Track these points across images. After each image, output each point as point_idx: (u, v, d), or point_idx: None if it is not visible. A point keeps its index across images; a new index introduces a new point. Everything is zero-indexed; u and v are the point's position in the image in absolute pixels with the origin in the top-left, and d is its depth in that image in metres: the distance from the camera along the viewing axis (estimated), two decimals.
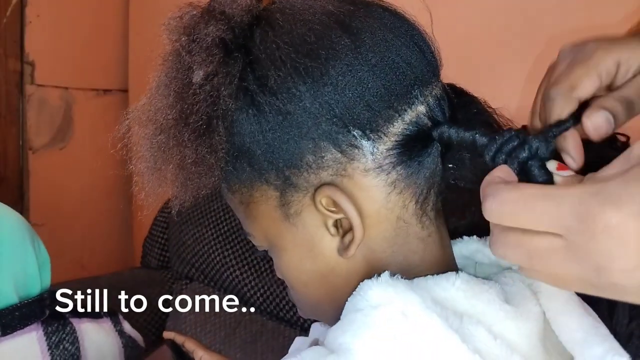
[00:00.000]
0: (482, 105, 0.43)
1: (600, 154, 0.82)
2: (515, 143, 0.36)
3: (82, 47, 1.73)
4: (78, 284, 1.35)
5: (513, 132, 0.37)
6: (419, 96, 0.39)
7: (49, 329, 0.74)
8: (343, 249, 0.40)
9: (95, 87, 1.79)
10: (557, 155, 0.39)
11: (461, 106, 0.42)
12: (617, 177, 0.30)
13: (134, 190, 0.41)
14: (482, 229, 0.47)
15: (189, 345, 0.81)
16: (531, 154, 0.36)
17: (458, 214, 0.43)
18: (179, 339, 0.82)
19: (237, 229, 1.31)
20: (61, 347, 0.74)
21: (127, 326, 0.86)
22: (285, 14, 0.40)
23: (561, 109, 0.41)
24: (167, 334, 0.82)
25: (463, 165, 0.42)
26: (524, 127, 0.83)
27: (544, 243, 0.31)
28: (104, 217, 1.83)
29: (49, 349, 0.73)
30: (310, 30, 0.38)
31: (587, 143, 0.85)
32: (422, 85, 0.40)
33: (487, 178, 0.35)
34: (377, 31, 0.39)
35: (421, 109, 0.39)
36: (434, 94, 0.40)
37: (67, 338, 0.75)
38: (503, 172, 0.35)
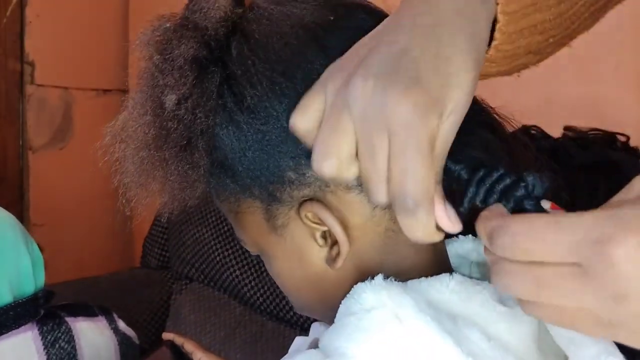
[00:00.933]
0: (480, 104, 0.42)
1: (601, 155, 0.82)
2: (509, 182, 0.34)
3: (82, 47, 1.73)
4: (78, 284, 1.35)
5: (502, 170, 0.34)
6: None
7: (44, 328, 0.74)
8: (331, 260, 0.40)
9: (95, 87, 1.79)
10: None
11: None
12: (630, 202, 0.28)
13: (120, 203, 0.41)
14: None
15: (188, 346, 0.81)
16: (527, 192, 0.34)
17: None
18: (178, 340, 0.82)
19: None
20: (57, 345, 0.74)
21: (121, 324, 0.85)
22: (261, 24, 0.39)
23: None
24: (166, 335, 0.82)
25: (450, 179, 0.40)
26: (524, 127, 0.83)
27: (556, 271, 0.29)
28: (103, 217, 1.83)
29: (44, 348, 0.73)
30: (286, 46, 0.38)
31: (588, 144, 0.85)
32: None
33: (485, 213, 0.32)
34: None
35: None
36: None
37: (62, 337, 0.75)
38: (500, 209, 0.33)
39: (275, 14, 0.39)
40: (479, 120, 0.41)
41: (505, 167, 0.35)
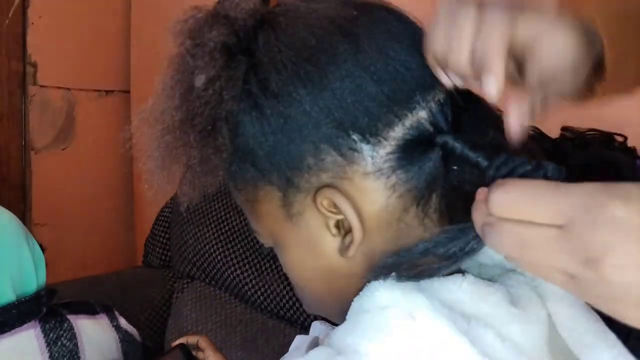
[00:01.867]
0: (489, 109, 0.42)
1: (598, 154, 0.83)
2: (529, 167, 0.35)
3: (84, 48, 1.74)
4: (80, 283, 1.36)
5: (524, 158, 0.36)
6: (421, 101, 0.39)
7: (47, 326, 0.75)
8: (344, 249, 0.40)
9: (98, 88, 1.80)
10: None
11: (467, 109, 0.42)
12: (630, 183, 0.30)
13: (142, 186, 0.42)
14: None
15: (202, 342, 0.81)
16: (547, 178, 0.35)
17: (462, 215, 0.43)
18: (192, 339, 0.82)
19: (238, 228, 1.32)
20: (59, 343, 0.75)
21: (122, 321, 0.86)
22: (288, 17, 0.41)
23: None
24: (176, 343, 0.82)
25: (467, 168, 0.41)
26: (536, 129, 0.82)
27: (539, 233, 0.31)
28: (106, 216, 1.84)
29: (47, 346, 0.74)
30: (312, 35, 0.39)
31: (585, 144, 0.85)
32: (424, 90, 0.39)
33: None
34: (379, 37, 0.39)
35: (422, 114, 0.39)
36: (436, 99, 0.40)
37: (65, 334, 0.76)
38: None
39: (301, 8, 0.41)
40: (486, 125, 0.41)
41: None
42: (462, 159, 0.39)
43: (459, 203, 0.40)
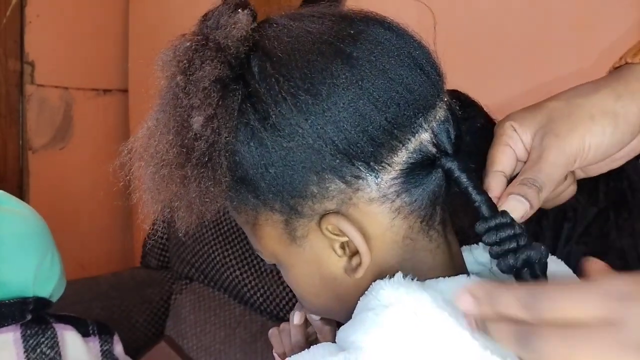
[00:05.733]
0: (485, 117, 0.42)
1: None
2: (523, 242, 0.38)
3: (82, 47, 1.73)
4: (78, 284, 1.35)
5: (521, 229, 0.39)
6: (423, 124, 0.39)
7: (28, 332, 0.74)
8: (351, 270, 0.40)
9: (95, 87, 1.79)
10: None
11: (466, 118, 0.42)
12: None
13: (139, 219, 0.42)
14: None
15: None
16: (540, 257, 0.38)
17: (467, 220, 0.43)
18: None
19: (238, 229, 1.31)
20: (38, 350, 0.73)
21: (118, 349, 0.84)
22: (281, 42, 0.39)
23: (487, 184, 0.43)
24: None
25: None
26: None
27: (587, 330, 0.29)
28: (104, 217, 1.83)
29: (25, 352, 0.73)
30: (310, 63, 0.38)
31: None
32: (426, 111, 0.39)
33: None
34: (379, 59, 0.38)
35: (425, 136, 0.39)
36: (437, 117, 0.40)
37: (45, 342, 0.74)
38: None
39: (295, 30, 0.39)
40: (482, 136, 0.42)
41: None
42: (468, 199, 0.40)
43: (459, 206, 0.40)
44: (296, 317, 0.59)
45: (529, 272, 0.38)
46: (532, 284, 0.37)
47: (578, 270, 0.37)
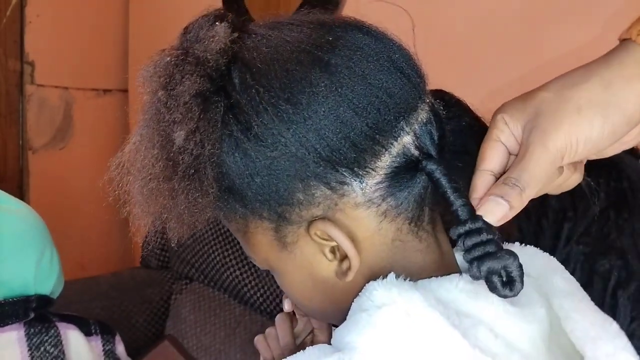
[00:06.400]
0: (471, 116, 0.42)
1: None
2: (492, 250, 0.38)
3: (82, 47, 1.73)
4: (78, 284, 1.35)
5: (492, 236, 0.38)
6: (405, 127, 0.39)
7: (32, 330, 0.74)
8: (341, 274, 0.41)
9: (95, 87, 1.79)
10: None
11: (450, 117, 0.42)
12: None
13: (131, 231, 0.42)
14: None
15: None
16: (504, 267, 0.37)
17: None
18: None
19: None
20: (42, 348, 0.74)
21: (120, 348, 0.84)
22: (260, 52, 0.39)
23: (473, 183, 0.42)
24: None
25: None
26: None
27: None
28: (103, 216, 1.83)
29: (29, 350, 0.73)
30: (289, 73, 0.38)
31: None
32: (408, 114, 0.39)
33: None
34: (358, 65, 0.38)
35: (407, 139, 0.39)
36: (420, 119, 0.40)
37: (49, 340, 0.75)
38: None
39: (273, 40, 0.39)
40: (468, 134, 0.42)
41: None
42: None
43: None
44: (286, 304, 0.59)
45: (499, 280, 0.38)
46: (502, 292, 0.37)
47: (578, 270, 0.37)
